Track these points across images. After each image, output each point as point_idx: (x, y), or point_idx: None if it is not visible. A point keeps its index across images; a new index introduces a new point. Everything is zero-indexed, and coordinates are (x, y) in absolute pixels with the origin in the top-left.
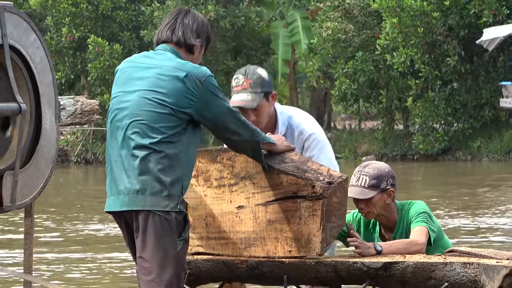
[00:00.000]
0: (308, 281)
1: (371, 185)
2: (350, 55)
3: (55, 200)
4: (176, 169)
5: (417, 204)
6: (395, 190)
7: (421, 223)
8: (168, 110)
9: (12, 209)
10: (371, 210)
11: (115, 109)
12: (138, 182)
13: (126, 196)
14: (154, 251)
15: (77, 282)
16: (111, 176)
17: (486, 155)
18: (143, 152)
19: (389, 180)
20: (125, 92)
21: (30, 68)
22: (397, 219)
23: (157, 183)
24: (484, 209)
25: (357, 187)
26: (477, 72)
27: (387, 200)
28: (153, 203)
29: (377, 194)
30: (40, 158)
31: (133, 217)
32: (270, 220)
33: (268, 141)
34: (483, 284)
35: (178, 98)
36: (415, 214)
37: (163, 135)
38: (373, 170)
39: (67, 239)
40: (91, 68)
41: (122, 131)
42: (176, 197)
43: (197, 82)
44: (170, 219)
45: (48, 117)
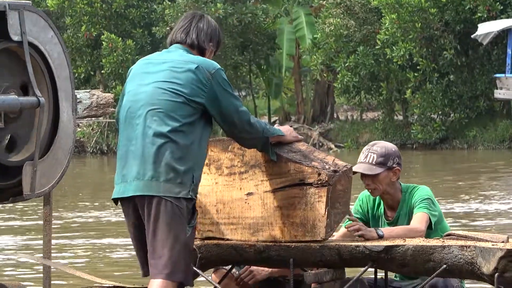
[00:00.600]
0: (313, 264)
1: (378, 162)
2: (352, 50)
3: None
4: (188, 159)
5: (422, 189)
6: (401, 170)
7: (423, 209)
8: (182, 99)
9: (32, 197)
10: (377, 186)
11: (130, 101)
12: (153, 169)
13: (140, 182)
14: (165, 237)
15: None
16: (124, 164)
17: (482, 144)
18: (160, 141)
19: (396, 159)
20: (140, 85)
21: (48, 63)
22: (400, 199)
23: (171, 171)
24: (479, 195)
25: (365, 164)
26: (473, 65)
27: (392, 178)
28: (166, 189)
29: (383, 171)
30: (58, 149)
31: (146, 203)
32: (278, 206)
33: (277, 134)
34: (479, 265)
35: (191, 88)
36: (419, 199)
37: (179, 123)
38: (380, 149)
39: (83, 225)
40: (105, 63)
41: (139, 120)
42: (188, 185)
43: (208, 73)
44: (181, 206)
45: (65, 110)
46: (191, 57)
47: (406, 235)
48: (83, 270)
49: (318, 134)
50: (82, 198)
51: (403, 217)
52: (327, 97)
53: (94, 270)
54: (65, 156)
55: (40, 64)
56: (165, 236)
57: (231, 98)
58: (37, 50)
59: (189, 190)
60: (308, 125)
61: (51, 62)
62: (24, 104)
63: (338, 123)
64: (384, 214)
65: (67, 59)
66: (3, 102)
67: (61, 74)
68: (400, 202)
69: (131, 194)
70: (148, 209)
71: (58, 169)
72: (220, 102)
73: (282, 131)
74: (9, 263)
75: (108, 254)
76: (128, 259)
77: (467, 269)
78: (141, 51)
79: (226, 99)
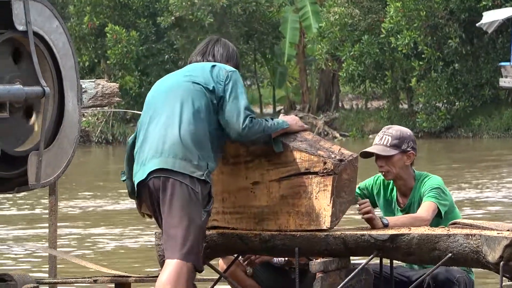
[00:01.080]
0: (319, 253)
1: (393, 145)
2: (357, 38)
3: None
4: (206, 146)
5: (433, 179)
6: (416, 155)
7: (431, 198)
8: (200, 88)
9: (37, 187)
10: (390, 169)
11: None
12: (171, 148)
13: (157, 159)
14: (180, 219)
15: (100, 255)
16: (140, 153)
17: (487, 132)
18: (184, 124)
19: (410, 143)
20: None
21: (53, 53)
22: (413, 187)
23: (189, 152)
24: (484, 183)
25: (379, 145)
26: (477, 54)
27: (406, 162)
28: (181, 166)
29: (397, 153)
30: (63, 138)
31: (161, 185)
32: (283, 195)
33: (281, 127)
34: (484, 254)
35: (208, 80)
36: (429, 188)
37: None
38: (395, 132)
39: (87, 214)
40: (110, 54)
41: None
42: (203, 169)
43: (225, 71)
44: (196, 190)
45: (71, 99)
46: (210, 63)
47: (411, 223)
48: (88, 260)
49: (323, 123)
50: (85, 187)
51: (415, 205)
52: (332, 86)
53: (99, 260)
54: (70, 146)
55: (45, 53)
56: (180, 218)
57: (241, 97)
58: (42, 39)
59: (203, 173)
60: (313, 114)
61: (56, 51)
62: (29, 94)
63: (343, 112)
64: (396, 201)
65: (72, 48)
66: (8, 91)
67: (66, 63)
68: (412, 189)
69: (148, 171)
70: (164, 191)
71: (63, 158)
72: (229, 98)
73: (287, 122)
74: (15, 253)
75: (112, 243)
76: (134, 248)
77: (472, 257)
78: (145, 41)
79: (236, 96)
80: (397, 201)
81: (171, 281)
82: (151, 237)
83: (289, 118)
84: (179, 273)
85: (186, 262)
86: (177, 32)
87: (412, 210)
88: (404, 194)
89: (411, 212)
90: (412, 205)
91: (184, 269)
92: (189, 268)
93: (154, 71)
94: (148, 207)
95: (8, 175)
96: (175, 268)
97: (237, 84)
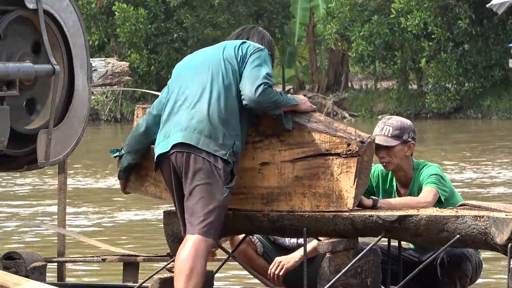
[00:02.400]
0: (327, 233)
1: (394, 135)
2: (367, 19)
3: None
4: (235, 122)
5: (430, 167)
6: (415, 145)
7: (431, 184)
8: (230, 63)
9: (46, 165)
10: (392, 159)
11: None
12: (198, 124)
13: (182, 132)
14: (201, 194)
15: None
16: (167, 123)
17: (496, 113)
18: (213, 100)
19: (411, 133)
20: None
21: (63, 31)
22: (412, 176)
23: (215, 130)
24: (492, 163)
25: (381, 136)
26: (487, 35)
27: (407, 152)
28: (205, 143)
29: (399, 144)
30: (72, 117)
31: (184, 160)
32: (298, 176)
33: (291, 103)
34: (492, 236)
35: (237, 54)
36: (427, 175)
37: (229, 86)
38: (396, 122)
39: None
40: (119, 32)
41: (194, 78)
42: (227, 147)
43: (253, 46)
44: (219, 166)
45: (81, 78)
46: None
47: (407, 205)
48: (97, 238)
49: (332, 103)
50: (93, 165)
51: (415, 195)
52: (342, 66)
53: (107, 239)
54: (80, 124)
55: (56, 32)
56: (202, 194)
57: (262, 65)
58: (53, 18)
59: (227, 153)
60: (322, 94)
61: (66, 30)
62: (39, 72)
63: (352, 92)
64: (396, 191)
65: (82, 27)
66: (18, 69)
67: (76, 42)
68: (412, 179)
69: (172, 143)
70: (186, 167)
71: (73, 137)
72: (248, 65)
73: (296, 99)
74: (23, 231)
75: (121, 222)
76: (142, 228)
77: (480, 239)
78: (154, 20)
79: (256, 65)
80: (397, 191)
81: (191, 256)
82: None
83: (298, 97)
84: (197, 249)
85: (206, 238)
86: (186, 11)
87: None
88: (404, 184)
89: None
90: (413, 195)
91: (204, 245)
92: (209, 244)
93: (164, 50)
94: (166, 179)
95: (17, 153)
96: (195, 244)
97: (262, 56)
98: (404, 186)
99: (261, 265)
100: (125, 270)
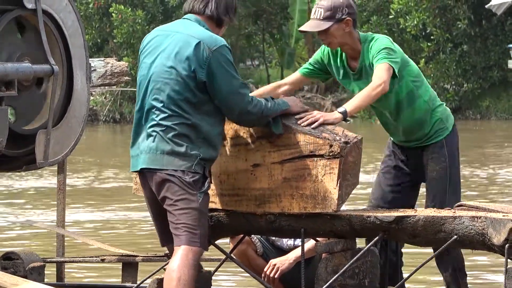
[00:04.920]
0: (324, 234)
1: (325, 17)
2: (365, 19)
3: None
4: (195, 136)
5: (379, 40)
6: (355, 19)
7: (381, 60)
8: (183, 76)
9: (45, 165)
10: (331, 40)
11: (141, 75)
12: (158, 142)
13: (147, 155)
14: (176, 207)
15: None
16: (136, 136)
17: (495, 114)
18: (164, 115)
19: (345, 10)
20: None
21: (62, 31)
22: (360, 49)
23: (176, 145)
24: (492, 164)
25: (313, 20)
26: (486, 35)
27: (345, 29)
28: (168, 162)
29: (332, 24)
30: (71, 117)
31: (153, 178)
32: (286, 177)
33: (281, 109)
34: (490, 236)
35: (189, 64)
36: (376, 51)
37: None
38: (327, 2)
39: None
40: (116, 33)
41: (148, 95)
42: (193, 157)
43: (208, 50)
44: (187, 179)
45: (79, 78)
46: (198, 32)
47: (369, 95)
48: (95, 238)
49: (330, 104)
50: (92, 165)
51: (368, 69)
52: None
53: (106, 239)
54: (78, 124)
55: (54, 32)
56: (179, 207)
57: (229, 78)
58: (51, 18)
59: (192, 164)
60: (321, 95)
61: (65, 30)
62: (37, 72)
63: (351, 93)
64: (347, 65)
65: (81, 27)
66: (17, 70)
67: (75, 42)
68: (361, 52)
69: (140, 167)
70: (157, 185)
71: (71, 137)
72: (217, 81)
73: (288, 103)
74: (21, 231)
75: (120, 222)
76: (141, 228)
77: (478, 240)
78: (152, 21)
79: (224, 78)
80: (349, 65)
81: (178, 266)
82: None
83: (289, 99)
84: (184, 259)
85: (191, 247)
86: None
87: (364, 72)
88: (353, 57)
89: (363, 74)
90: (364, 68)
91: (190, 254)
92: (196, 252)
93: None
94: (145, 191)
95: (16, 154)
96: (181, 255)
97: (221, 64)
98: (353, 59)
99: (260, 266)
100: (124, 271)
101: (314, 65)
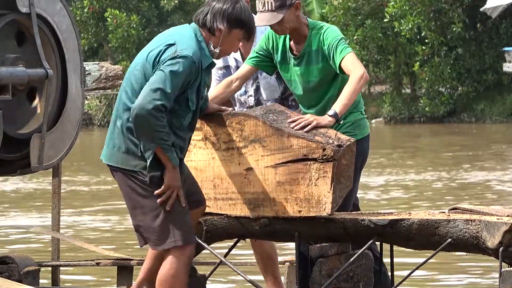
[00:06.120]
0: (318, 237)
1: (277, 6)
2: (360, 23)
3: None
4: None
5: (331, 30)
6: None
7: (345, 50)
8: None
9: (40, 169)
10: (284, 28)
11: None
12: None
13: (106, 149)
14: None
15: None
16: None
17: (490, 117)
18: (126, 115)
19: None
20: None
21: (56, 35)
22: (307, 34)
23: (131, 144)
24: (486, 166)
25: (265, 13)
26: (481, 38)
27: (296, 13)
28: (123, 161)
29: (286, 12)
30: (66, 121)
31: (115, 176)
32: (280, 181)
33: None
34: (484, 240)
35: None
36: (335, 41)
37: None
38: None
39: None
40: (111, 38)
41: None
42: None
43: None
44: (145, 179)
45: (74, 82)
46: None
47: (355, 89)
48: (91, 242)
49: None
50: (87, 168)
51: (314, 54)
52: None
53: (101, 243)
54: (73, 128)
55: (49, 36)
56: (144, 210)
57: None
58: (46, 22)
59: (146, 165)
60: None
61: (60, 34)
62: (32, 76)
63: None
64: (289, 49)
65: (75, 31)
66: (11, 74)
67: (69, 46)
68: (307, 37)
69: (103, 159)
70: (119, 184)
71: (66, 141)
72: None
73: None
74: (16, 235)
75: (115, 226)
76: None
77: (472, 243)
78: (147, 25)
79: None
80: (291, 49)
81: (164, 269)
82: None
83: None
84: (172, 262)
85: (174, 248)
86: (181, 16)
87: (307, 58)
88: (298, 41)
89: (305, 60)
90: (310, 54)
91: (176, 254)
92: (182, 251)
93: None
94: None
95: (10, 158)
96: (167, 259)
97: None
98: (297, 43)
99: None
100: (119, 274)
101: (259, 52)
